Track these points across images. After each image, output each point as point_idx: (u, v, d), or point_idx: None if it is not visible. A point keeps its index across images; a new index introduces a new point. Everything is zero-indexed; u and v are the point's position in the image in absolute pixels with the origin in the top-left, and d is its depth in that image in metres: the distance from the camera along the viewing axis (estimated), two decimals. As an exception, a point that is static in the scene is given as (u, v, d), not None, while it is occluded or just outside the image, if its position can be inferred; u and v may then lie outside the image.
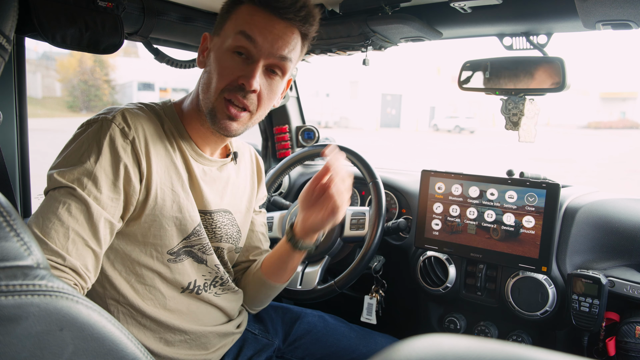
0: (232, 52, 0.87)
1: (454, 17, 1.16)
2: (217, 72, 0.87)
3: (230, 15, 0.89)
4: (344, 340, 1.18)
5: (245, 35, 0.85)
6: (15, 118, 1.23)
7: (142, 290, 0.89)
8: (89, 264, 0.76)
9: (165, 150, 0.89)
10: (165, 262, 0.90)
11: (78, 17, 0.97)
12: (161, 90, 23.30)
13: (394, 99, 29.91)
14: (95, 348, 0.36)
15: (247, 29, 0.85)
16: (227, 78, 0.87)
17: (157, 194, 0.85)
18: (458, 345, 0.27)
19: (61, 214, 0.74)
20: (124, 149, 0.81)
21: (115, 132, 0.81)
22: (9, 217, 0.35)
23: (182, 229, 0.90)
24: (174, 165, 0.89)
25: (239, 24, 0.86)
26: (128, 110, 0.85)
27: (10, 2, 0.56)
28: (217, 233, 1.00)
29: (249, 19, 0.86)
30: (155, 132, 0.88)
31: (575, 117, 34.24)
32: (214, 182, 0.99)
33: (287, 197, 1.83)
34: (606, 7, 0.86)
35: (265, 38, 0.85)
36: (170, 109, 0.95)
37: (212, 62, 0.89)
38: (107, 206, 0.79)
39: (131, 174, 0.81)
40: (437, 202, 1.32)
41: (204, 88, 0.90)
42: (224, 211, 1.01)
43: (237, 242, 1.07)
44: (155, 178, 0.85)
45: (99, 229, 0.77)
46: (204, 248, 0.95)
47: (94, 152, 0.79)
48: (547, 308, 1.15)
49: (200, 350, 0.97)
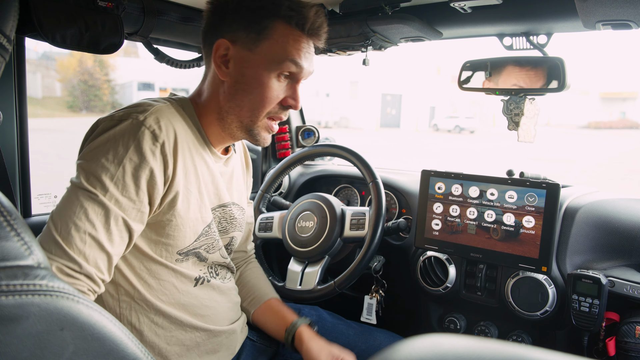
0: (278, 75, 0.89)
1: (454, 17, 1.16)
2: (263, 95, 0.88)
3: (268, 34, 0.86)
4: (343, 338, 1.18)
5: (295, 63, 0.88)
6: (15, 118, 1.23)
7: (156, 286, 0.89)
8: (103, 267, 0.77)
9: (189, 151, 0.88)
10: (173, 262, 0.90)
11: (78, 17, 0.97)
12: (161, 90, 23.28)
13: (394, 99, 29.90)
14: (95, 348, 0.36)
15: (297, 57, 0.88)
16: (276, 101, 0.90)
17: (179, 196, 0.85)
18: (458, 345, 0.27)
19: (80, 218, 0.73)
20: (153, 152, 0.79)
21: (145, 135, 0.79)
22: (9, 217, 0.35)
23: (194, 230, 0.91)
24: (194, 167, 0.89)
25: (288, 52, 0.87)
26: (160, 110, 0.83)
27: (11, 2, 0.56)
28: (234, 223, 1.04)
29: (295, 45, 0.88)
30: (184, 133, 0.87)
31: (575, 117, 34.24)
32: (223, 177, 1.01)
33: (287, 197, 1.83)
34: (606, 7, 0.86)
35: (310, 63, 0.92)
36: (189, 106, 0.94)
37: (251, 81, 0.88)
38: (129, 209, 0.78)
39: (157, 177, 0.80)
40: (437, 202, 1.32)
41: (240, 104, 0.90)
42: (233, 203, 1.04)
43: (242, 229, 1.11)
44: (179, 180, 0.84)
45: (117, 232, 0.77)
46: (208, 247, 0.96)
47: (121, 153, 0.77)
48: (547, 308, 1.15)
49: (207, 355, 0.97)
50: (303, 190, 1.82)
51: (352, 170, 1.76)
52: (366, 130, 25.21)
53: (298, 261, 1.38)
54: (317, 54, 1.50)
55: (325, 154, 1.52)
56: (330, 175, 1.81)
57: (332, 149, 1.47)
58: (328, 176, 1.82)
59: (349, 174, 1.77)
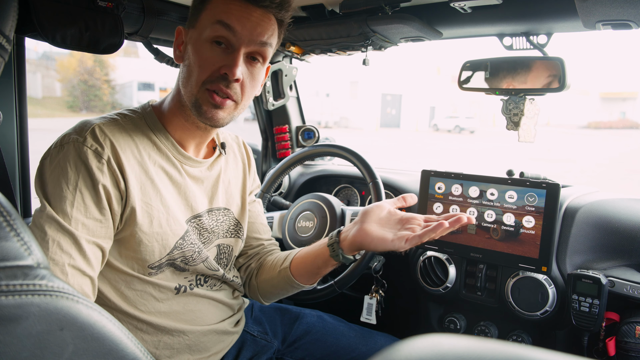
0: (211, 43, 0.86)
1: (454, 17, 1.16)
2: (197, 64, 0.86)
3: (204, 5, 0.87)
4: (344, 340, 1.18)
5: (223, 25, 0.84)
6: (15, 118, 1.23)
7: (133, 297, 0.88)
8: (89, 290, 0.78)
9: (143, 164, 0.86)
10: (147, 274, 0.89)
11: (78, 17, 0.97)
12: (161, 90, 23.28)
13: (394, 99, 29.90)
14: (95, 348, 0.36)
15: (225, 18, 0.84)
16: (209, 69, 0.86)
17: (137, 211, 0.84)
18: (458, 345, 0.27)
19: (54, 252, 0.74)
20: (100, 170, 0.79)
21: (88, 154, 0.79)
22: (9, 217, 0.35)
23: (163, 244, 0.88)
24: (150, 181, 0.87)
25: (216, 14, 0.85)
26: (100, 127, 0.82)
27: (10, 2, 0.56)
28: (215, 231, 1.00)
29: (226, 8, 0.85)
30: (134, 146, 0.86)
31: (575, 117, 34.25)
32: (203, 183, 0.98)
33: (287, 197, 1.83)
34: (606, 7, 0.86)
35: (244, 26, 0.85)
36: (150, 113, 0.93)
37: (191, 55, 0.87)
38: (97, 229, 0.79)
39: (112, 193, 0.80)
40: (437, 202, 1.32)
41: (185, 82, 0.88)
42: (217, 209, 1.01)
43: (239, 235, 1.07)
44: (134, 195, 0.83)
45: (92, 254, 0.78)
46: (187, 259, 0.93)
47: (72, 178, 0.77)
48: (547, 308, 1.15)
49: (199, 354, 0.97)
50: (303, 190, 1.82)
51: (352, 170, 1.76)
52: (366, 130, 25.21)
53: (298, 261, 1.38)
54: (317, 54, 1.51)
55: (325, 154, 1.52)
56: (330, 175, 1.81)
57: (332, 149, 1.47)
58: (328, 176, 1.82)
59: (349, 174, 1.77)
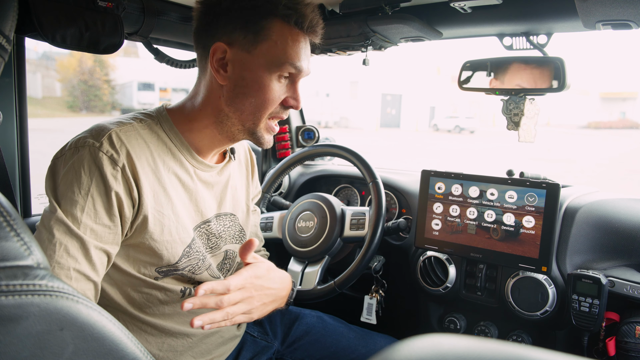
0: (278, 77, 0.87)
1: (454, 17, 1.16)
2: (264, 97, 0.87)
3: (265, 34, 0.84)
4: (343, 341, 1.18)
5: (294, 66, 0.87)
6: (15, 118, 1.23)
7: (139, 299, 0.89)
8: (91, 295, 0.78)
9: (157, 172, 0.85)
10: (153, 278, 0.89)
11: (78, 17, 0.97)
12: (161, 90, 23.29)
13: (394, 99, 29.89)
14: (95, 348, 0.36)
15: (296, 60, 0.87)
16: (277, 102, 0.89)
17: (150, 219, 0.83)
18: (458, 345, 0.27)
19: (61, 255, 0.74)
20: (115, 177, 0.78)
21: (104, 160, 0.78)
22: (9, 217, 0.35)
23: (172, 252, 0.88)
24: (163, 188, 0.86)
25: (287, 54, 0.85)
26: (117, 132, 0.81)
27: (10, 2, 0.56)
28: (223, 236, 1.00)
29: (294, 46, 0.86)
30: (148, 153, 0.84)
31: (575, 117, 34.24)
32: (213, 187, 0.98)
33: (287, 197, 1.83)
34: (606, 7, 0.86)
35: (308, 62, 0.91)
36: (165, 117, 0.91)
37: (252, 84, 0.86)
38: (105, 235, 0.78)
39: (124, 201, 0.79)
40: (437, 202, 1.32)
41: (241, 107, 0.87)
42: (224, 214, 1.01)
43: (243, 242, 1.07)
44: (147, 203, 0.82)
45: (98, 260, 0.78)
46: (193, 269, 0.93)
47: (84, 183, 0.76)
48: (547, 308, 1.15)
49: (202, 356, 0.97)
50: (303, 190, 1.82)
51: (352, 170, 1.76)
52: (366, 130, 25.20)
53: (298, 261, 1.38)
54: (317, 54, 1.51)
55: (325, 154, 1.52)
56: (330, 175, 1.81)
57: (332, 149, 1.47)
58: (328, 176, 1.82)
59: (349, 174, 1.77)
